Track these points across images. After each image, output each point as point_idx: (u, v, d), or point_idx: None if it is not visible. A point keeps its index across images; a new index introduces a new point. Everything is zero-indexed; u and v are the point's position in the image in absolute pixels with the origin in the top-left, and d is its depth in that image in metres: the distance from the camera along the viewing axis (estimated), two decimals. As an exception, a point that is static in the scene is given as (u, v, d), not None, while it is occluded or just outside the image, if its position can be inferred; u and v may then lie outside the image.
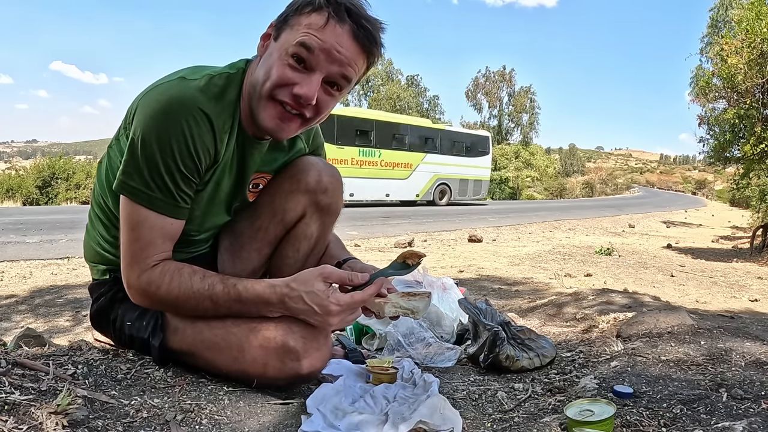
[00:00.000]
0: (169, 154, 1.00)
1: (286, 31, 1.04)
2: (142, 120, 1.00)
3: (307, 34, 1.01)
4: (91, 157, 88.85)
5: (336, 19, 1.01)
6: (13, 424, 0.78)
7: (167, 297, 1.07)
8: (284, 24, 1.05)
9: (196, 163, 1.04)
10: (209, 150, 1.06)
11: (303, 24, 1.02)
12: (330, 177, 1.28)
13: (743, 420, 0.92)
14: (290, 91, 1.04)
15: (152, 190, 1.02)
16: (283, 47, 1.03)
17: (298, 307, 1.05)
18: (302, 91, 1.02)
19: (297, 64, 1.02)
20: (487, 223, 10.91)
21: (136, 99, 1.07)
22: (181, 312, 1.11)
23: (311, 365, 1.07)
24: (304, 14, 1.03)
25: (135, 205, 1.03)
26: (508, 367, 1.37)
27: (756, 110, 6.78)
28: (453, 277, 3.50)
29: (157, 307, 1.13)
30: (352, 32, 1.03)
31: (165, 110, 0.99)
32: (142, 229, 1.04)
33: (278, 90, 1.04)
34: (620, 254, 6.12)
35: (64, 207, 15.10)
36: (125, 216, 1.06)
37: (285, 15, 1.06)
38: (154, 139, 0.99)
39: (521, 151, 40.52)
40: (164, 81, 1.04)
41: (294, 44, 1.01)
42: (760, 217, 11.11)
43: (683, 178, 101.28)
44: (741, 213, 20.47)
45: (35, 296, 3.29)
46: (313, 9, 1.02)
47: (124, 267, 1.08)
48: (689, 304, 3.25)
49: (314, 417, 0.98)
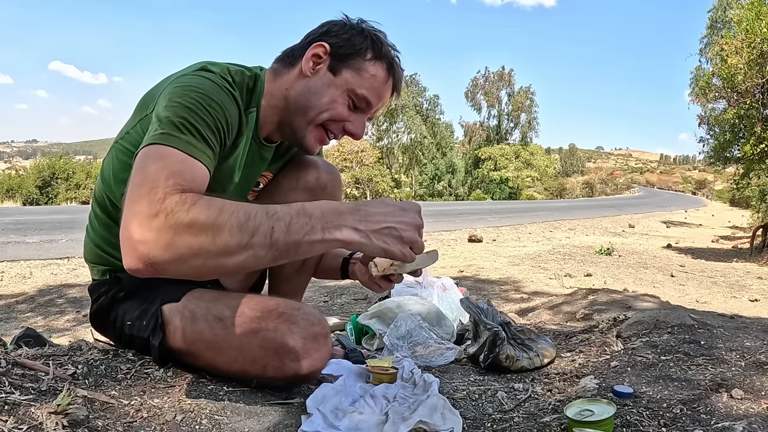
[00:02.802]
0: (204, 109, 0.94)
1: (350, 72, 1.11)
2: (175, 95, 0.95)
3: (373, 89, 1.12)
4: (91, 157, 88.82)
5: (392, 77, 1.15)
6: (13, 424, 0.78)
7: (205, 212, 0.79)
8: (345, 60, 1.11)
9: (226, 124, 1.00)
10: (235, 123, 1.05)
11: (368, 73, 1.11)
12: (329, 175, 1.30)
13: (743, 420, 0.92)
14: (342, 126, 1.15)
15: (184, 133, 0.90)
16: (344, 86, 1.11)
17: (379, 210, 0.87)
18: (355, 130, 1.15)
19: (353, 106, 1.13)
20: (487, 223, 10.91)
21: (155, 90, 1.05)
22: (221, 239, 0.79)
23: (311, 365, 1.07)
24: (368, 61, 1.11)
25: (162, 146, 0.87)
26: (508, 367, 1.37)
27: (756, 110, 6.78)
28: (453, 277, 3.51)
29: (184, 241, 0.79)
30: (394, 84, 1.17)
31: (198, 85, 0.98)
32: (169, 162, 0.86)
33: (332, 123, 1.14)
34: (620, 254, 6.12)
35: (64, 207, 15.10)
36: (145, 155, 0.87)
37: (345, 51, 1.11)
38: (187, 100, 0.94)
39: (521, 151, 40.54)
40: (187, 71, 1.04)
41: (360, 93, 1.11)
42: (760, 217, 11.11)
43: (683, 178, 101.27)
44: (741, 213, 20.48)
45: (35, 296, 3.29)
46: (375, 57, 1.12)
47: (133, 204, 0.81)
48: (689, 304, 3.25)
49: (314, 417, 0.98)
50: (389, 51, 1.14)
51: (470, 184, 40.50)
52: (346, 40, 1.11)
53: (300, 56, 1.13)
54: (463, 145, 46.07)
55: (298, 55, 1.13)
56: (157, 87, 1.06)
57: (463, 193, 39.16)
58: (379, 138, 37.83)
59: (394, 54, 1.15)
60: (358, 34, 1.12)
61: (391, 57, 1.14)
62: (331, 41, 1.11)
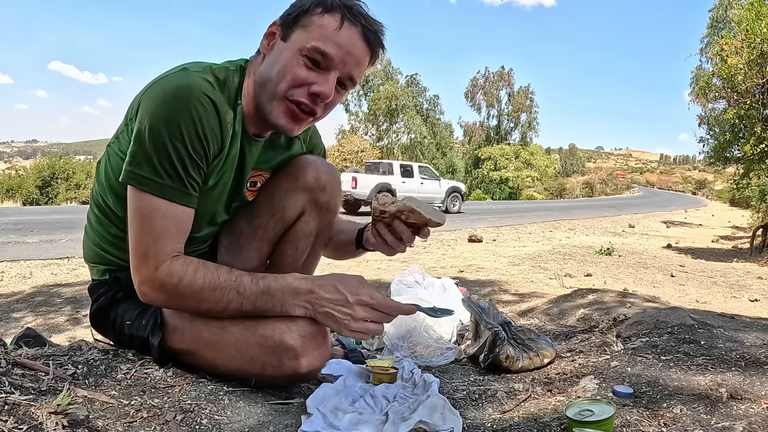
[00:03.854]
0: (179, 139, 0.98)
1: (298, 31, 1.05)
2: (149, 109, 0.99)
3: (323, 36, 1.03)
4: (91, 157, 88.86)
5: (349, 21, 1.04)
6: (13, 424, 0.78)
7: (190, 288, 1.01)
8: (294, 24, 1.06)
9: (204, 148, 1.03)
10: (216, 136, 1.05)
11: (316, 24, 1.04)
12: (328, 175, 1.29)
13: (743, 420, 0.92)
14: (307, 90, 1.06)
15: (162, 177, 0.99)
16: (295, 47, 1.05)
17: (328, 296, 1.03)
18: (321, 89, 1.05)
19: (312, 64, 1.05)
20: (487, 223, 10.91)
21: (138, 94, 1.06)
22: (202, 306, 1.05)
23: (310, 364, 1.07)
24: (315, 15, 1.04)
25: (144, 194, 1.00)
26: (508, 367, 1.37)
27: (756, 110, 6.79)
28: (453, 277, 3.50)
29: (175, 302, 1.07)
30: (362, 33, 1.06)
31: (173, 97, 0.98)
32: (154, 218, 1.00)
33: (294, 90, 1.06)
34: (620, 254, 6.13)
35: (64, 207, 15.10)
36: (134, 208, 1.01)
37: (294, 14, 1.06)
38: (162, 125, 0.98)
39: (521, 151, 40.52)
40: (167, 74, 1.04)
41: (310, 46, 1.03)
42: (760, 217, 11.11)
43: (683, 178, 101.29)
44: (741, 213, 20.48)
45: (35, 296, 3.29)
46: (325, 10, 1.04)
47: (135, 262, 1.03)
48: (689, 304, 3.25)
49: (314, 417, 0.98)
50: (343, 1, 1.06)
51: (470, 184, 40.50)
52: (294, 6, 1.08)
53: None
54: (463, 145, 46.05)
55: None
56: (141, 90, 1.06)
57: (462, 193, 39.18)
58: (379, 138, 37.82)
59: (352, 3, 1.06)
60: None
61: (345, 4, 1.05)
62: (281, 15, 1.09)
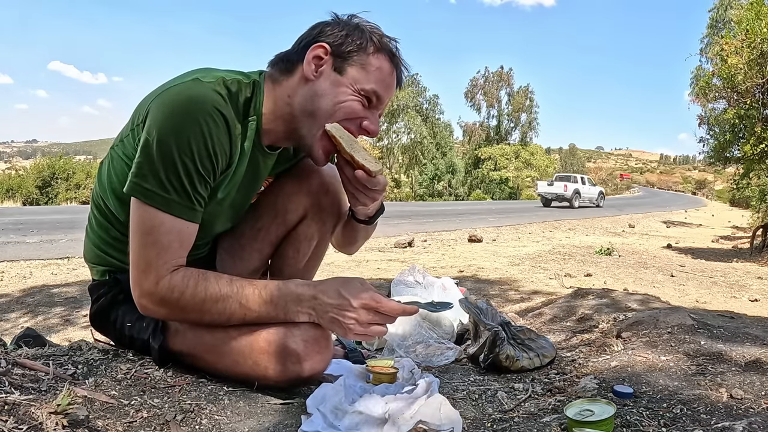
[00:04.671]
0: (188, 154, 0.97)
1: (356, 68, 1.08)
2: (158, 120, 0.97)
3: (380, 81, 1.10)
4: (91, 157, 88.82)
5: (396, 67, 1.13)
6: (13, 424, 0.78)
7: (191, 302, 1.01)
8: (350, 59, 1.08)
9: (213, 163, 1.01)
10: (226, 151, 1.03)
11: (374, 67, 1.09)
12: (332, 179, 1.29)
13: (743, 420, 0.92)
14: (359, 123, 1.11)
15: (168, 192, 0.98)
16: (354, 85, 1.08)
17: (332, 302, 1.02)
18: (374, 128, 1.12)
19: (366, 102, 1.10)
20: (487, 223, 10.91)
21: (145, 100, 1.05)
22: (205, 319, 1.05)
23: (313, 368, 1.07)
24: (371, 55, 1.09)
25: (149, 208, 0.98)
26: (508, 367, 1.37)
27: (756, 110, 6.78)
28: (453, 277, 3.50)
29: (177, 315, 1.06)
30: (397, 77, 1.14)
31: (183, 110, 0.96)
32: (158, 233, 0.99)
33: (347, 123, 1.09)
34: (620, 254, 6.12)
35: (64, 207, 15.09)
36: (138, 220, 1.00)
37: (347, 48, 1.07)
38: (171, 139, 0.96)
39: (521, 151, 40.49)
40: (178, 82, 1.01)
41: (370, 88, 1.08)
42: (760, 217, 11.11)
43: (683, 178, 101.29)
44: (741, 213, 20.47)
45: (35, 296, 3.29)
46: (376, 50, 1.09)
47: (136, 275, 1.02)
48: (689, 304, 3.25)
49: (314, 417, 0.98)
50: (388, 42, 1.12)
51: (470, 184, 40.46)
52: (344, 36, 1.08)
53: (298, 60, 1.08)
54: (462, 145, 46.03)
55: (296, 60, 1.09)
56: (149, 96, 1.05)
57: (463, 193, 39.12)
58: (379, 138, 37.79)
59: (394, 44, 1.13)
60: (354, 29, 1.09)
61: (392, 47, 1.12)
62: (329, 40, 1.07)
